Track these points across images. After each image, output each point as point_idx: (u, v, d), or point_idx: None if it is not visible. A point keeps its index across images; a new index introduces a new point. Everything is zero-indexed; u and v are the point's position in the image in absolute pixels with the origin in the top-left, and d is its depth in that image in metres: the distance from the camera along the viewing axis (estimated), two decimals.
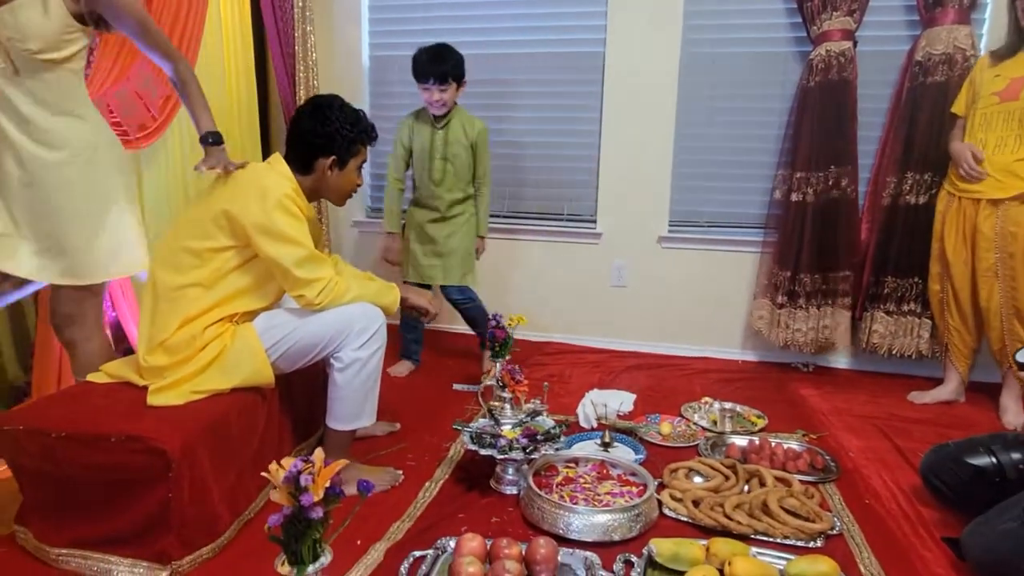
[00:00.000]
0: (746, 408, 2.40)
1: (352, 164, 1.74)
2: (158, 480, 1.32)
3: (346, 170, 1.73)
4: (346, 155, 1.70)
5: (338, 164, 1.71)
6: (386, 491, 1.77)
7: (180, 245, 1.58)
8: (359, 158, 1.75)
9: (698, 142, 3.04)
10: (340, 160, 1.70)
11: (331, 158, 1.69)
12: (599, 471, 1.80)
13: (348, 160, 1.72)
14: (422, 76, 2.46)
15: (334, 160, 1.69)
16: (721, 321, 3.12)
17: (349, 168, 1.73)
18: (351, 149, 1.71)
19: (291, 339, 1.63)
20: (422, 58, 2.45)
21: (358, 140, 1.71)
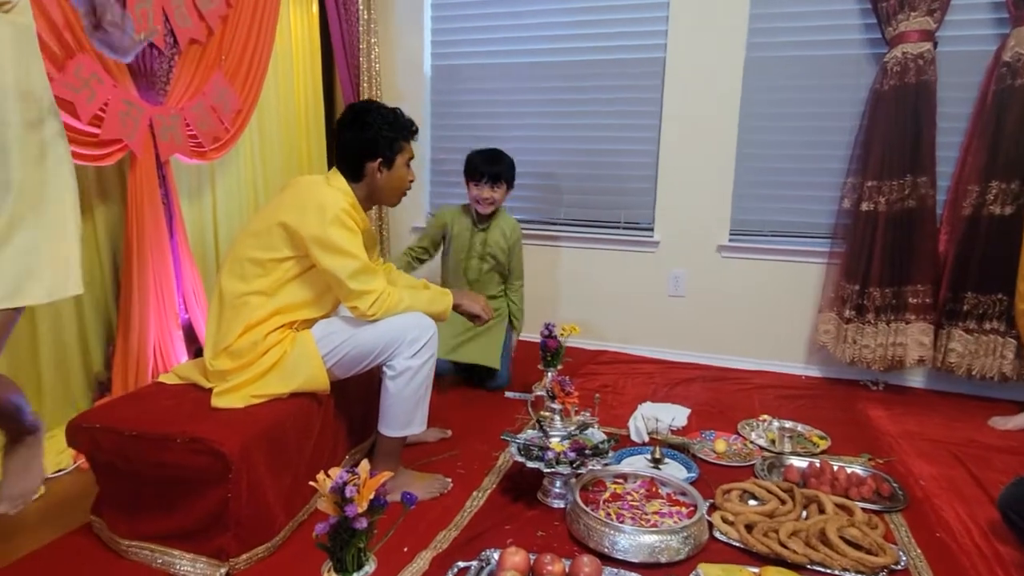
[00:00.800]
0: (807, 428, 2.30)
1: (399, 161, 1.79)
2: (218, 480, 1.39)
3: (395, 168, 1.78)
4: (391, 154, 1.76)
5: (385, 164, 1.76)
6: (435, 498, 1.79)
7: (245, 255, 1.65)
8: (405, 154, 1.80)
9: (762, 149, 2.94)
10: (387, 160, 1.76)
11: (377, 160, 1.74)
12: (648, 489, 1.77)
13: (394, 158, 1.77)
14: (476, 174, 2.55)
15: (380, 162, 1.75)
16: (783, 334, 3.00)
17: (397, 166, 1.78)
18: (394, 147, 1.76)
19: (346, 347, 1.68)
20: (477, 158, 2.55)
21: (399, 137, 1.77)
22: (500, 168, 2.54)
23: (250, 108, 2.57)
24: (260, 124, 2.85)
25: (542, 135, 3.28)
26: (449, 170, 3.48)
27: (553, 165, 3.29)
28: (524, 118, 3.30)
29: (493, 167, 2.53)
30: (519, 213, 3.39)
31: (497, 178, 2.55)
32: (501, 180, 2.57)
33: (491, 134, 3.35)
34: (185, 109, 2.27)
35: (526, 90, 3.27)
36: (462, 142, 3.41)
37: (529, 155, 3.30)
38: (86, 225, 2.21)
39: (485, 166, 2.53)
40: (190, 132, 2.29)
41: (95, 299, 2.26)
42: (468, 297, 1.94)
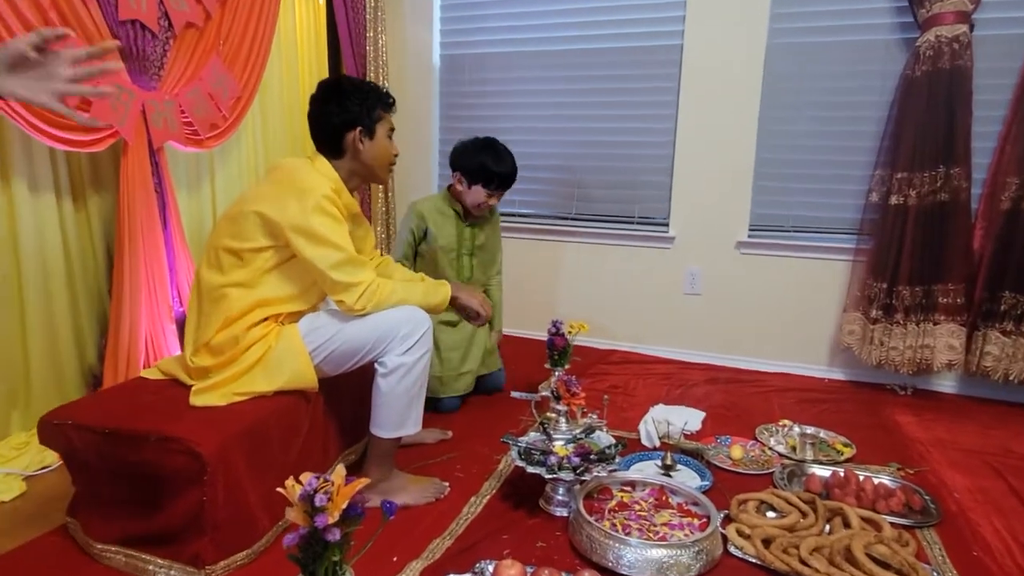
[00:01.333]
0: (831, 434, 2.17)
1: (380, 131, 1.68)
2: (193, 482, 1.30)
3: (376, 138, 1.68)
4: (370, 122, 1.66)
5: (366, 133, 1.66)
6: (430, 503, 1.69)
7: (221, 244, 1.56)
8: (385, 124, 1.69)
9: (784, 140, 2.80)
10: (367, 129, 1.66)
11: (356, 129, 1.64)
12: (658, 497, 1.65)
13: (374, 127, 1.67)
14: (491, 183, 2.25)
15: (360, 131, 1.65)
16: (805, 335, 2.86)
17: (379, 136, 1.68)
18: (372, 115, 1.66)
19: (334, 343, 1.59)
20: (491, 163, 2.22)
21: (376, 105, 1.66)
22: (515, 175, 2.29)
23: (250, 95, 2.49)
24: (263, 112, 2.77)
25: (553, 126, 3.17)
26: None
27: (565, 157, 3.18)
28: (535, 109, 3.18)
29: (511, 174, 2.27)
30: (528, 207, 3.29)
31: (510, 186, 2.32)
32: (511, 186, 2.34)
33: (501, 125, 3.25)
34: (180, 95, 2.19)
35: (537, 80, 3.16)
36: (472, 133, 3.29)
37: (540, 147, 3.20)
38: (79, 214, 2.15)
39: (503, 174, 2.24)
40: (185, 119, 2.22)
41: (89, 289, 2.19)
42: (466, 291, 1.83)
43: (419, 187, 3.42)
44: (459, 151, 2.29)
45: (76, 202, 2.13)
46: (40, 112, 1.78)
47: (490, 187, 2.25)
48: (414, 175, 3.43)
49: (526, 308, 3.23)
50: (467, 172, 2.25)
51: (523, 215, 3.29)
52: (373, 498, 1.67)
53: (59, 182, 2.04)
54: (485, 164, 2.22)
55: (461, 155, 2.28)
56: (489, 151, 2.25)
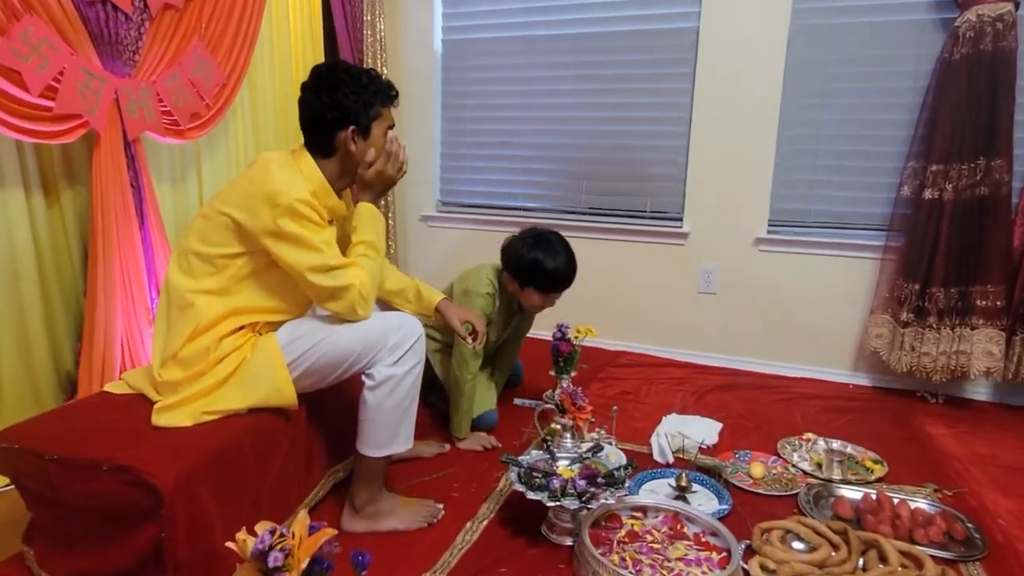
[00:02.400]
0: (859, 449, 2.00)
1: (377, 130, 1.49)
2: (149, 517, 1.16)
3: (372, 138, 1.49)
4: (365, 120, 1.47)
5: (360, 133, 1.48)
6: (422, 528, 1.55)
7: (191, 248, 1.41)
8: (383, 122, 1.50)
9: (807, 129, 2.61)
10: (361, 128, 1.47)
11: (349, 128, 1.46)
12: (672, 526, 1.49)
13: (370, 126, 1.48)
14: (548, 284, 1.94)
15: (353, 130, 1.46)
16: (828, 338, 2.68)
17: (375, 136, 1.49)
18: (368, 112, 1.47)
19: (315, 353, 1.44)
20: (553, 270, 1.91)
21: (374, 101, 1.47)
22: (574, 273, 1.97)
23: (236, 82, 2.34)
24: (252, 101, 2.62)
25: (561, 115, 2.99)
26: (463, 154, 3.22)
27: (572, 148, 3.00)
28: (542, 96, 3.01)
29: (570, 276, 1.96)
30: (534, 201, 3.12)
31: (568, 286, 2.00)
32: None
33: (506, 114, 3.08)
34: (158, 82, 2.04)
35: (544, 66, 2.98)
36: (475, 123, 3.16)
37: (546, 137, 3.03)
38: (52, 210, 2.01)
39: (561, 278, 1.94)
40: (164, 108, 2.06)
41: (64, 291, 2.05)
42: (455, 309, 1.71)
43: (419, 182, 3.26)
44: (508, 248, 1.98)
45: (48, 197, 1.99)
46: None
47: (544, 289, 1.94)
48: (414, 170, 3.26)
49: None
50: (519, 274, 1.94)
51: (528, 209, 3.13)
52: (360, 522, 1.54)
53: (28, 176, 1.89)
54: (538, 263, 1.89)
55: (511, 253, 1.96)
56: (542, 247, 1.92)
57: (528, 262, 1.91)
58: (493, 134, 3.13)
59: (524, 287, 1.95)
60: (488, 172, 3.19)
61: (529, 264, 1.91)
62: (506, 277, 2.00)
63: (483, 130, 3.15)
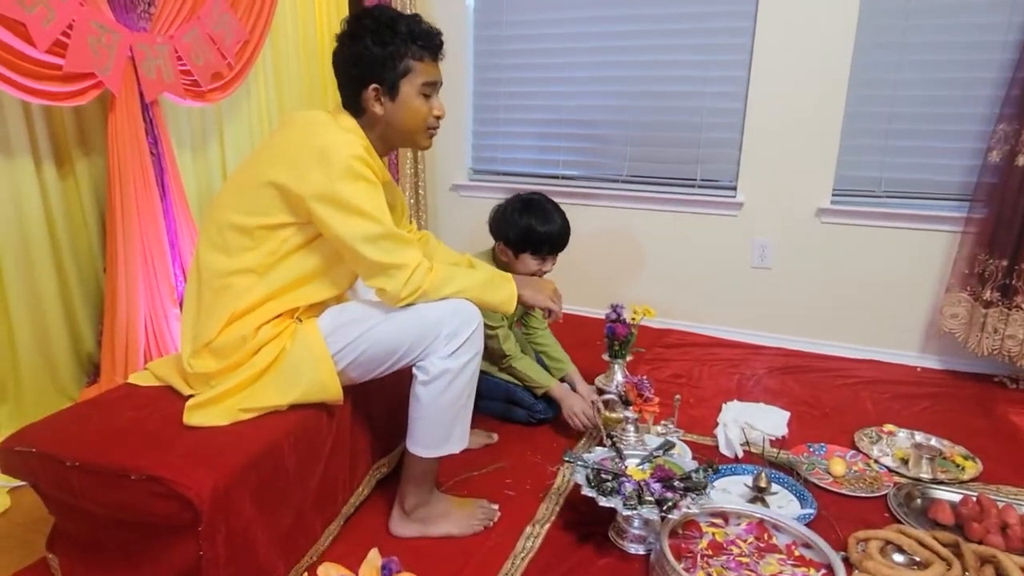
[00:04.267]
0: (944, 442, 1.83)
1: (407, 88, 1.28)
2: (186, 532, 1.03)
3: (401, 98, 1.29)
4: (392, 76, 1.26)
5: (387, 92, 1.28)
6: (478, 533, 1.41)
7: (226, 220, 1.25)
8: (415, 78, 1.28)
9: (881, 88, 2.38)
10: (387, 85, 1.27)
11: (371, 86, 1.27)
12: (758, 535, 1.34)
13: (398, 83, 1.27)
14: (542, 248, 1.84)
15: (377, 88, 1.27)
16: (894, 317, 2.49)
17: (404, 95, 1.29)
18: (396, 66, 1.26)
19: (362, 343, 1.28)
20: (540, 229, 1.81)
21: (404, 53, 1.26)
22: (568, 233, 1.88)
23: (259, 39, 2.15)
24: (275, 59, 2.43)
25: (604, 75, 2.77)
26: (497, 118, 3.01)
27: (617, 111, 2.78)
28: (583, 55, 2.78)
29: (563, 234, 1.86)
30: (574, 168, 2.92)
31: (564, 246, 1.91)
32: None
33: (544, 75, 2.86)
34: (175, 38, 1.85)
35: (586, 21, 2.75)
36: (510, 84, 2.94)
37: (588, 99, 2.81)
38: (66, 181, 1.86)
39: (554, 235, 1.84)
40: (183, 67, 1.89)
41: (80, 269, 1.92)
42: (531, 285, 1.47)
43: (449, 149, 3.06)
44: (498, 218, 1.89)
45: (62, 167, 1.83)
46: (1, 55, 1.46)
47: (540, 253, 1.84)
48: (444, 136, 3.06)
49: (572, 282, 2.89)
50: (512, 241, 1.84)
51: (568, 177, 2.93)
52: (411, 526, 1.40)
53: (37, 144, 1.73)
54: (531, 228, 1.81)
55: (501, 222, 1.87)
56: (533, 211, 1.83)
57: (521, 228, 1.82)
58: (530, 96, 2.92)
59: (519, 254, 1.85)
60: (524, 138, 2.99)
61: (523, 230, 1.82)
62: (499, 248, 1.89)
63: (519, 92, 2.94)
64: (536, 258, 1.83)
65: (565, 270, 2.87)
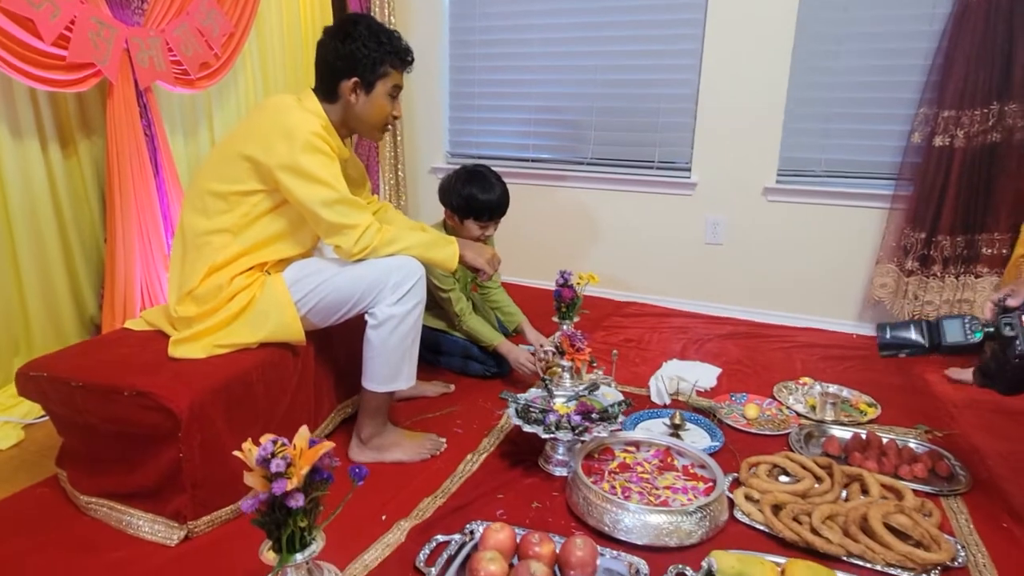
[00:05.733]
0: (855, 393, 2.04)
1: (380, 88, 1.53)
2: (168, 439, 1.25)
3: (373, 95, 1.53)
4: (371, 76, 1.51)
5: (363, 87, 1.52)
6: (425, 460, 1.64)
7: (206, 187, 1.47)
8: (388, 81, 1.53)
9: (820, 76, 2.57)
10: (364, 82, 1.51)
11: (352, 80, 1.50)
12: (662, 459, 1.56)
13: (374, 83, 1.52)
14: (483, 215, 2.03)
15: (356, 82, 1.51)
16: (834, 288, 2.70)
17: (377, 93, 1.53)
18: (376, 70, 1.51)
19: (320, 292, 1.50)
20: (480, 197, 2.00)
21: (385, 60, 1.51)
22: (507, 202, 2.07)
23: (244, 31, 2.36)
24: (261, 49, 2.64)
25: (572, 63, 2.97)
26: (472, 104, 3.21)
27: (583, 97, 2.99)
28: (553, 44, 2.98)
29: (503, 202, 2.05)
30: (540, 151, 3.13)
31: (504, 213, 2.09)
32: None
33: (514, 63, 3.07)
34: (166, 31, 2.07)
35: (552, 12, 2.95)
36: (484, 72, 3.15)
37: (555, 87, 3.02)
38: (70, 161, 2.08)
39: (494, 202, 2.02)
40: (173, 57, 2.10)
41: (83, 238, 2.14)
42: (472, 248, 1.70)
43: (428, 133, 3.28)
44: (444, 188, 2.08)
45: (66, 148, 2.06)
46: (10, 46, 1.68)
47: (482, 219, 2.04)
48: (423, 121, 3.28)
49: (538, 257, 3.11)
50: (456, 208, 2.04)
51: (536, 160, 3.14)
52: (367, 453, 1.63)
53: (43, 126, 1.96)
54: (473, 196, 2.00)
55: (447, 192, 2.06)
56: (475, 181, 2.02)
57: (464, 197, 2.02)
58: (501, 84, 3.13)
59: (463, 220, 2.06)
60: (497, 123, 3.20)
61: (465, 198, 2.02)
62: (446, 214, 2.11)
63: (492, 80, 3.14)
64: (478, 223, 2.05)
65: (532, 246, 3.11)
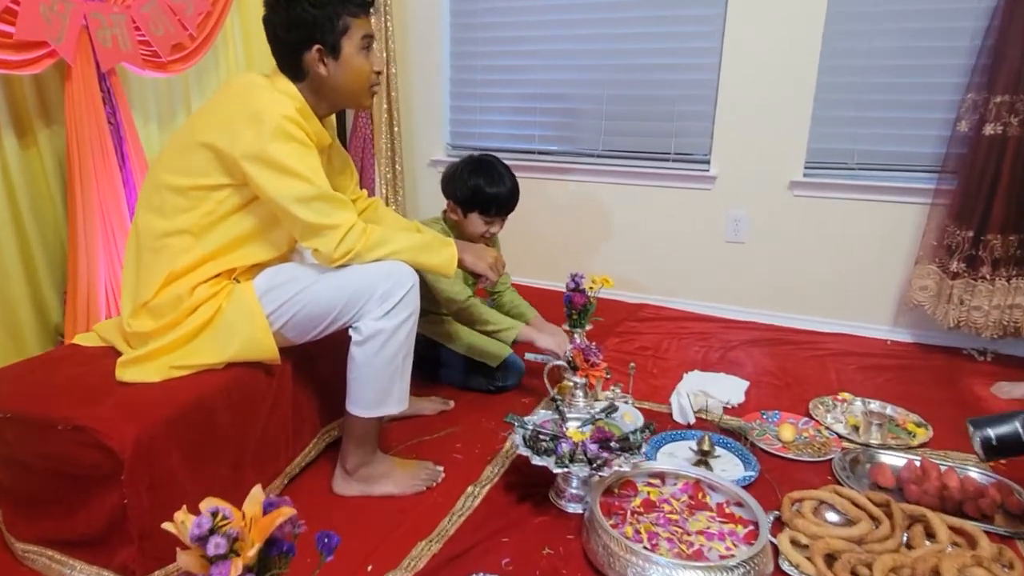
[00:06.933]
0: (900, 411, 1.83)
1: (348, 47, 1.30)
2: (110, 481, 1.05)
3: (343, 57, 1.30)
4: (332, 36, 1.28)
5: (329, 52, 1.29)
6: (420, 493, 1.43)
7: (163, 182, 1.26)
8: (354, 34, 1.30)
9: (853, 59, 2.35)
10: (328, 45, 1.28)
11: (315, 47, 1.28)
12: (692, 495, 1.35)
13: (339, 43, 1.29)
14: (490, 209, 1.84)
15: (319, 49, 1.28)
16: (867, 290, 2.48)
17: (347, 54, 1.30)
18: (335, 25, 1.27)
19: (297, 303, 1.30)
20: (489, 190, 1.82)
21: (341, 11, 1.27)
22: (517, 196, 1.88)
23: (223, 10, 2.14)
24: (244, 29, 2.42)
25: (579, 49, 2.75)
26: (475, 93, 3.00)
27: (592, 85, 2.77)
28: (559, 28, 2.76)
29: (512, 196, 1.86)
30: (547, 142, 2.91)
31: (512, 208, 1.91)
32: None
33: (520, 48, 2.85)
34: (132, 7, 1.86)
35: None
36: (487, 58, 2.93)
37: (564, 74, 2.80)
38: (29, 152, 1.87)
39: (502, 196, 1.84)
40: (141, 37, 1.89)
41: (45, 239, 1.94)
42: (473, 251, 1.48)
43: (427, 124, 3.07)
44: (448, 177, 1.88)
45: (23, 137, 1.85)
46: None
47: (488, 214, 1.85)
48: (422, 111, 3.07)
49: (544, 255, 2.90)
50: (460, 200, 1.84)
51: (544, 152, 2.92)
52: (353, 485, 1.43)
53: None
54: (479, 188, 1.81)
55: (451, 181, 1.87)
56: (483, 172, 1.83)
57: (470, 187, 1.83)
58: (507, 71, 2.91)
59: (467, 213, 1.86)
60: (501, 113, 2.98)
61: (471, 190, 1.83)
62: (449, 207, 1.90)
63: (496, 67, 2.93)
64: (484, 218, 1.84)
65: (540, 245, 2.90)
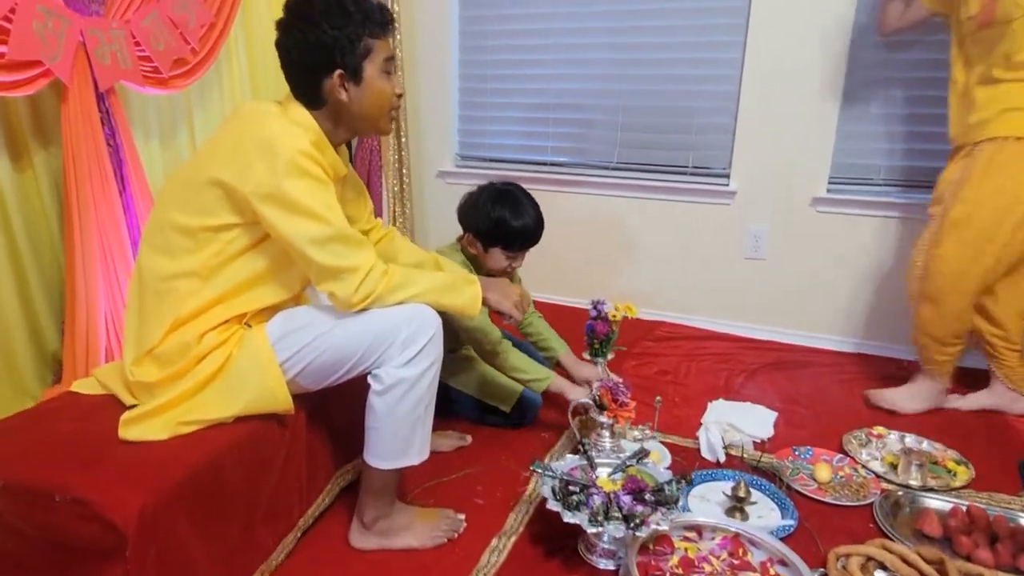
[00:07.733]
0: (937, 446, 1.75)
1: (370, 69, 1.21)
2: (112, 558, 0.97)
3: (366, 81, 1.22)
4: (353, 59, 1.19)
5: (351, 77, 1.21)
6: (441, 545, 1.35)
7: (168, 221, 1.18)
8: (377, 56, 1.22)
9: (882, 70, 2.27)
10: (350, 69, 1.20)
11: (336, 73, 1.19)
12: (732, 551, 1.27)
13: (361, 65, 1.20)
14: (513, 244, 1.73)
15: (341, 74, 1.20)
16: (891, 310, 2.40)
17: (369, 77, 1.22)
18: (356, 48, 1.19)
19: (313, 350, 1.21)
20: (514, 224, 1.69)
21: (362, 31, 1.18)
22: (542, 230, 1.76)
23: (226, 22, 2.05)
24: (248, 44, 2.33)
25: (594, 58, 2.66)
26: (484, 102, 2.91)
27: (607, 95, 2.68)
28: (573, 36, 2.67)
29: (537, 229, 1.74)
30: (559, 154, 2.83)
31: (536, 241, 1.78)
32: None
33: (532, 57, 2.76)
34: (132, 22, 1.76)
35: (575, 1, 2.63)
36: (497, 67, 2.84)
37: (578, 83, 2.71)
38: (24, 175, 1.78)
39: (528, 230, 1.72)
40: (141, 53, 1.80)
41: (41, 266, 1.85)
42: (497, 289, 1.39)
43: (435, 133, 2.97)
44: (467, 208, 1.76)
45: (18, 160, 1.76)
46: None
47: (512, 249, 1.73)
48: (430, 120, 2.98)
49: (556, 271, 2.82)
50: (482, 233, 1.72)
51: (556, 164, 2.83)
52: (371, 539, 1.35)
53: None
54: (503, 221, 1.69)
55: (471, 213, 1.74)
56: (507, 203, 1.71)
57: (493, 221, 1.70)
58: (518, 80, 2.82)
59: (488, 248, 1.73)
60: (512, 123, 2.89)
61: (494, 223, 1.70)
62: (467, 239, 1.77)
63: (506, 75, 2.84)
64: (506, 253, 1.73)
65: (553, 260, 2.82)
